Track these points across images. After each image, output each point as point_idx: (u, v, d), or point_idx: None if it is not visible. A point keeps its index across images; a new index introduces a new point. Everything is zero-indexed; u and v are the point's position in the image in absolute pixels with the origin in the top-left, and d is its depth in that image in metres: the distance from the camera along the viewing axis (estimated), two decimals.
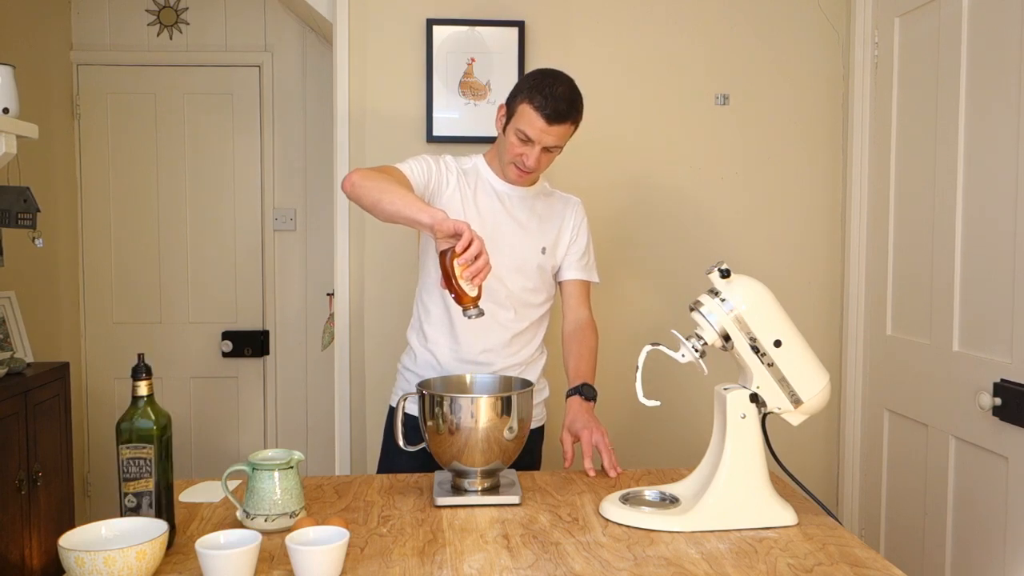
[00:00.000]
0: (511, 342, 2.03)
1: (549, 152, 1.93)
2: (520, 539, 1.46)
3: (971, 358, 2.14)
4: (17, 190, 2.60)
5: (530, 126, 1.86)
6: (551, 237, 2.06)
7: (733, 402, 1.55)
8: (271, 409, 3.75)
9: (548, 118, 1.84)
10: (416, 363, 2.07)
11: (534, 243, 2.03)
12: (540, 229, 2.04)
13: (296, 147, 3.69)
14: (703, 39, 2.78)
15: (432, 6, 2.70)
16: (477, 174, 2.04)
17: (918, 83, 2.41)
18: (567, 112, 1.86)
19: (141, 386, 1.40)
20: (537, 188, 2.08)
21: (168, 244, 3.67)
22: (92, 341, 3.67)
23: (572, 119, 1.89)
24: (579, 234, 2.10)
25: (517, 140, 1.90)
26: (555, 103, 1.84)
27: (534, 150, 1.89)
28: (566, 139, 1.93)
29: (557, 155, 1.96)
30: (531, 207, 2.05)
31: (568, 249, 2.09)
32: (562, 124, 1.87)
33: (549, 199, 2.10)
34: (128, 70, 3.62)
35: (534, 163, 1.90)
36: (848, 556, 1.40)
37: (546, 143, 1.88)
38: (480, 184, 2.02)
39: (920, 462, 2.38)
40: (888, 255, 2.56)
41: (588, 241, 2.12)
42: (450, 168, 2.00)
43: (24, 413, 2.47)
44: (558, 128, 1.87)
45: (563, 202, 2.11)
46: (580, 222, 2.10)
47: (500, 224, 1.99)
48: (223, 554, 1.22)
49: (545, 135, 1.87)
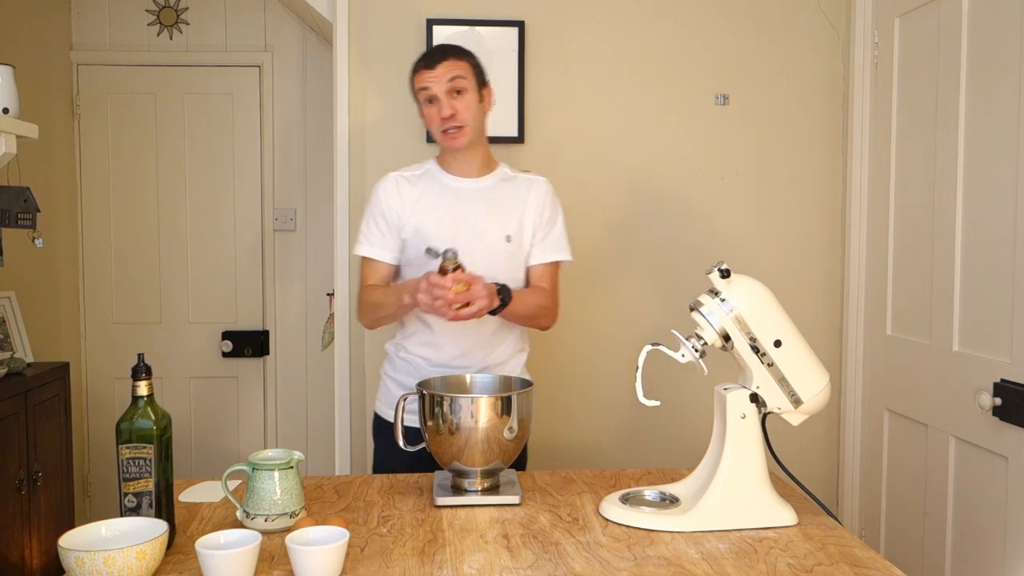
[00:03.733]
0: (489, 341, 2.01)
1: (459, 95, 1.93)
2: (520, 539, 1.46)
3: (971, 358, 2.14)
4: (17, 190, 2.60)
5: (422, 80, 1.93)
6: (515, 223, 2.00)
7: (733, 402, 1.55)
8: (271, 409, 3.75)
9: (427, 65, 1.93)
10: (396, 370, 2.06)
11: (497, 233, 1.98)
12: (502, 217, 2.00)
13: (296, 147, 3.68)
14: (703, 39, 2.78)
15: (432, 6, 2.70)
16: (429, 177, 2.03)
17: (918, 83, 2.41)
18: (440, 53, 1.94)
19: (141, 386, 1.40)
20: (496, 175, 2.05)
21: (168, 244, 3.67)
22: (92, 341, 3.67)
23: (452, 55, 1.94)
24: (543, 214, 2.03)
25: (426, 105, 1.95)
26: (429, 55, 1.96)
27: (441, 101, 1.92)
28: (462, 70, 1.94)
29: (474, 101, 1.95)
30: (490, 196, 2.01)
31: (535, 232, 2.03)
32: (443, 62, 1.92)
33: (511, 183, 2.05)
34: (128, 70, 3.62)
35: (448, 109, 1.91)
36: (848, 556, 1.40)
37: (444, 82, 1.91)
38: (432, 186, 2.01)
39: (920, 462, 2.38)
40: (888, 255, 2.56)
41: (556, 220, 2.06)
42: (388, 197, 2.00)
43: (24, 413, 2.47)
44: (443, 66, 1.92)
45: (526, 184, 2.05)
46: (543, 202, 2.04)
47: (459, 221, 1.97)
48: (223, 554, 1.22)
49: (435, 80, 1.91)
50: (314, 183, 3.68)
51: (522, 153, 2.74)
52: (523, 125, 2.73)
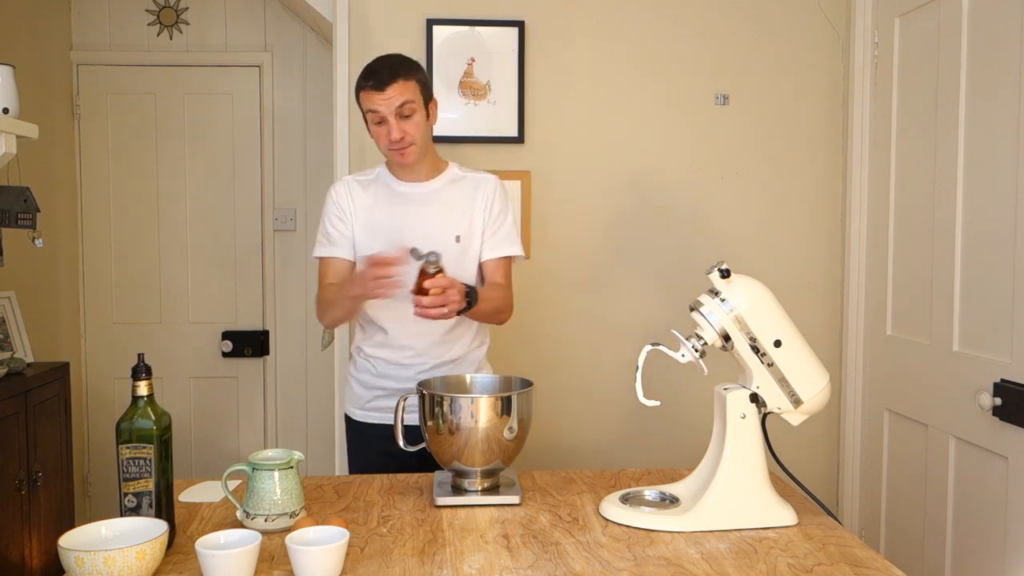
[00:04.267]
0: (443, 339, 2.02)
1: (406, 117, 1.92)
2: (520, 539, 1.46)
3: (971, 358, 2.14)
4: (17, 190, 2.60)
5: (370, 102, 1.91)
6: (464, 223, 2.02)
7: (733, 402, 1.55)
8: (271, 409, 3.75)
9: (375, 87, 1.89)
10: (358, 370, 2.11)
11: (447, 234, 2.00)
12: (451, 218, 2.01)
13: (296, 147, 3.68)
14: (703, 39, 2.78)
15: (432, 6, 2.70)
16: (377, 182, 2.06)
17: (918, 83, 2.41)
18: (391, 73, 1.90)
19: (141, 386, 1.40)
20: (445, 177, 2.06)
21: (168, 244, 3.67)
22: (92, 341, 3.67)
23: (401, 76, 1.90)
24: (492, 211, 2.04)
25: (375, 126, 1.94)
26: (376, 74, 1.90)
27: (390, 123, 1.91)
28: (411, 94, 1.91)
29: (423, 120, 1.95)
30: (438, 198, 2.03)
31: (485, 228, 2.04)
32: (393, 83, 1.89)
33: (459, 184, 2.06)
34: (128, 70, 3.62)
35: (397, 133, 1.91)
36: (848, 556, 1.40)
37: (393, 107, 1.89)
38: (380, 191, 2.04)
39: (920, 462, 2.38)
40: (888, 255, 2.56)
41: (506, 216, 2.06)
42: (340, 198, 2.03)
43: (24, 413, 2.47)
44: (392, 89, 1.89)
45: (474, 183, 2.06)
46: (492, 198, 2.04)
47: (405, 225, 1.99)
48: (223, 554, 1.22)
49: (386, 102, 1.89)
50: (314, 183, 3.68)
51: (522, 153, 2.74)
52: (523, 125, 2.73)
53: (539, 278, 2.74)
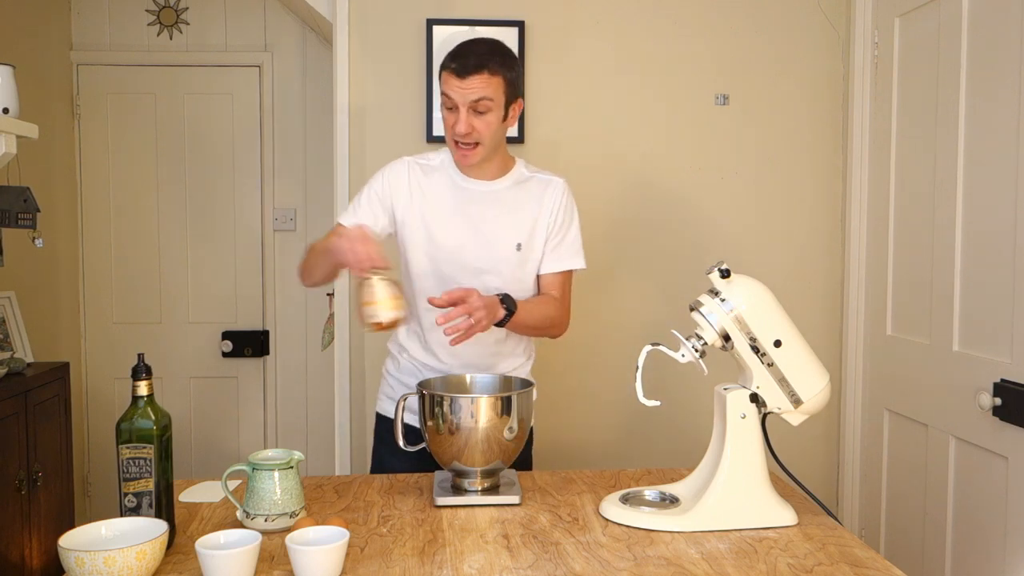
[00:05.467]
0: (493, 351, 1.92)
1: (480, 114, 1.78)
2: (520, 539, 1.46)
3: (971, 358, 2.14)
4: (17, 190, 2.60)
5: (447, 86, 1.78)
6: (527, 229, 1.89)
7: (733, 402, 1.55)
8: (271, 409, 3.75)
9: (458, 72, 1.76)
10: (400, 369, 2.00)
11: (507, 240, 1.88)
12: (514, 223, 1.88)
13: (296, 147, 3.68)
14: (703, 39, 2.78)
15: (432, 6, 2.70)
16: (441, 170, 1.91)
17: (918, 83, 2.41)
18: (477, 63, 1.76)
19: (141, 386, 1.40)
20: (511, 177, 1.91)
21: (168, 244, 3.67)
22: (92, 341, 3.67)
23: (488, 68, 1.76)
24: (557, 219, 1.91)
25: (446, 111, 1.81)
26: (463, 58, 1.77)
27: (460, 114, 1.77)
28: (492, 91, 1.77)
29: (495, 117, 1.79)
30: (502, 200, 1.89)
31: (548, 238, 1.91)
32: (477, 74, 1.75)
33: (525, 185, 1.92)
34: (128, 70, 3.62)
35: (464, 127, 1.77)
36: (848, 556, 1.40)
37: (468, 99, 1.76)
38: (444, 182, 1.90)
39: (920, 462, 2.38)
40: (888, 255, 2.56)
41: (571, 225, 1.94)
42: (394, 179, 1.89)
43: (24, 413, 2.47)
44: (474, 79, 1.75)
45: (542, 186, 1.92)
46: (559, 205, 1.91)
47: (469, 225, 1.87)
48: (223, 554, 1.22)
49: (463, 91, 1.76)
50: (314, 183, 3.68)
51: (522, 153, 2.73)
52: (523, 125, 2.73)
53: None
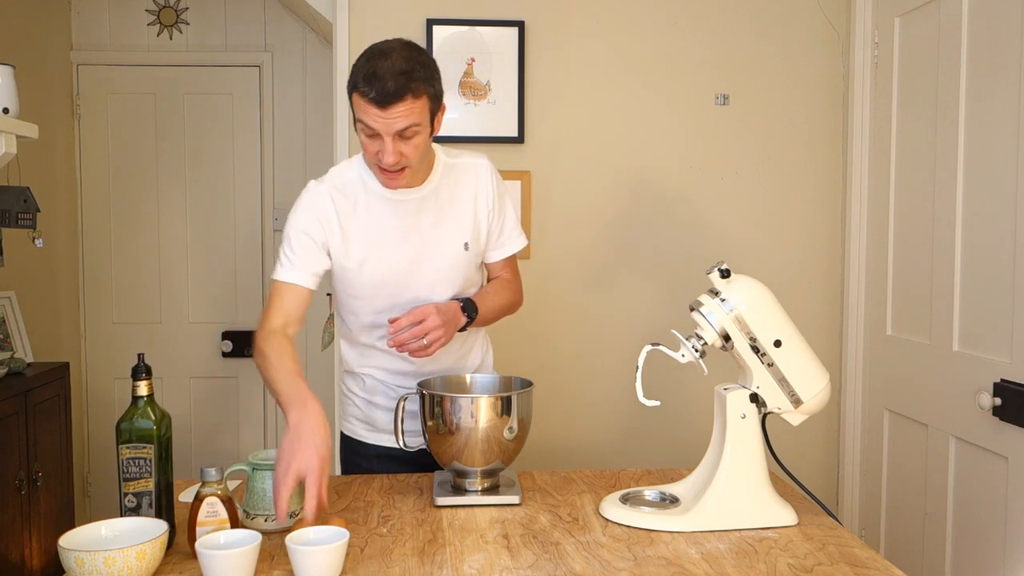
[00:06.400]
0: (458, 358, 1.87)
1: (407, 139, 1.58)
2: (520, 539, 1.45)
3: (971, 358, 2.14)
4: (17, 190, 2.60)
5: (366, 115, 1.56)
6: (468, 224, 1.78)
7: (733, 402, 1.55)
8: (271, 409, 3.75)
9: (377, 102, 1.53)
10: (366, 390, 1.88)
11: (452, 243, 1.77)
12: (456, 222, 1.76)
13: (296, 147, 3.69)
14: (703, 39, 2.78)
15: (432, 6, 2.70)
16: (363, 188, 1.72)
17: (918, 83, 2.41)
18: (398, 89, 1.53)
19: (141, 386, 1.40)
20: (438, 171, 1.75)
21: (168, 244, 3.67)
22: (92, 341, 3.67)
23: (411, 93, 1.54)
24: (494, 203, 1.80)
25: (366, 137, 1.60)
26: (382, 82, 1.52)
27: (385, 143, 1.57)
28: (418, 116, 1.57)
29: (423, 140, 1.61)
30: (436, 201, 1.75)
31: (490, 227, 1.81)
32: (399, 103, 1.53)
33: (452, 175, 1.77)
34: (128, 70, 3.62)
35: (392, 157, 1.58)
36: (848, 556, 1.40)
37: (393, 130, 1.56)
38: (368, 201, 1.72)
39: (920, 462, 2.38)
40: (888, 255, 2.56)
41: (507, 207, 1.84)
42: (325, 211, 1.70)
43: (24, 413, 2.47)
44: (398, 108, 1.54)
45: (470, 173, 1.79)
46: (491, 187, 1.80)
47: (411, 240, 1.74)
48: (223, 554, 1.22)
49: (386, 121, 1.55)
50: None
51: (522, 153, 2.74)
52: (523, 125, 2.73)
53: (539, 278, 2.74)
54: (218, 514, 1.36)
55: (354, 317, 1.82)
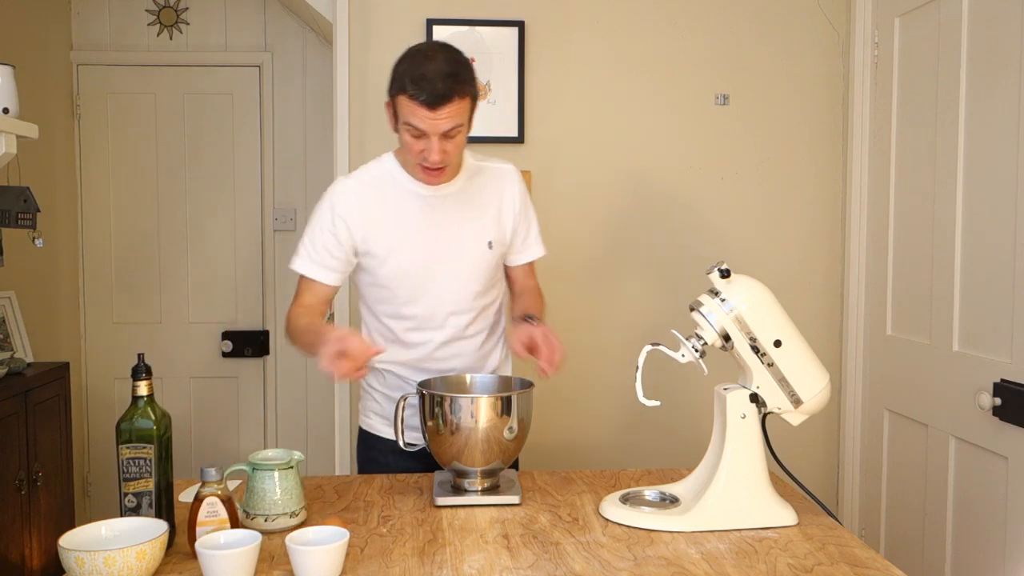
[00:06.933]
0: (478, 358, 1.91)
1: (451, 138, 1.67)
2: (520, 539, 1.46)
3: (971, 358, 2.14)
4: (17, 190, 2.60)
5: (415, 117, 1.63)
6: (493, 225, 1.85)
7: (733, 402, 1.55)
8: (271, 409, 3.75)
9: (428, 104, 1.61)
10: (387, 384, 1.91)
11: (479, 241, 1.83)
12: (481, 221, 1.83)
13: (296, 147, 3.69)
14: (703, 39, 2.78)
15: (432, 6, 2.70)
16: (388, 181, 1.81)
17: (918, 83, 2.41)
18: (447, 91, 1.61)
19: (141, 386, 1.40)
20: (465, 172, 1.83)
21: (168, 244, 3.67)
22: (92, 341, 3.67)
23: (458, 94, 1.63)
24: (521, 212, 1.89)
25: (411, 137, 1.68)
26: (431, 85, 1.60)
27: (431, 143, 1.66)
28: (462, 116, 1.67)
29: (463, 138, 1.72)
30: (463, 199, 1.82)
31: (515, 231, 1.89)
32: (448, 104, 1.62)
33: (480, 178, 1.85)
34: (128, 70, 3.62)
35: (438, 156, 1.67)
36: (848, 556, 1.40)
37: (440, 130, 1.64)
38: (396, 194, 1.80)
39: (920, 462, 2.38)
40: (888, 255, 2.56)
41: (531, 214, 1.92)
42: (348, 206, 1.79)
43: (24, 413, 2.47)
44: (446, 109, 1.62)
45: (497, 177, 1.87)
46: (518, 193, 1.88)
47: (436, 234, 1.80)
48: (223, 554, 1.22)
49: (435, 122, 1.63)
50: (314, 183, 3.68)
51: (522, 153, 2.74)
52: (523, 125, 2.73)
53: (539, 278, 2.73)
54: (218, 514, 1.36)
55: (379, 306, 1.87)
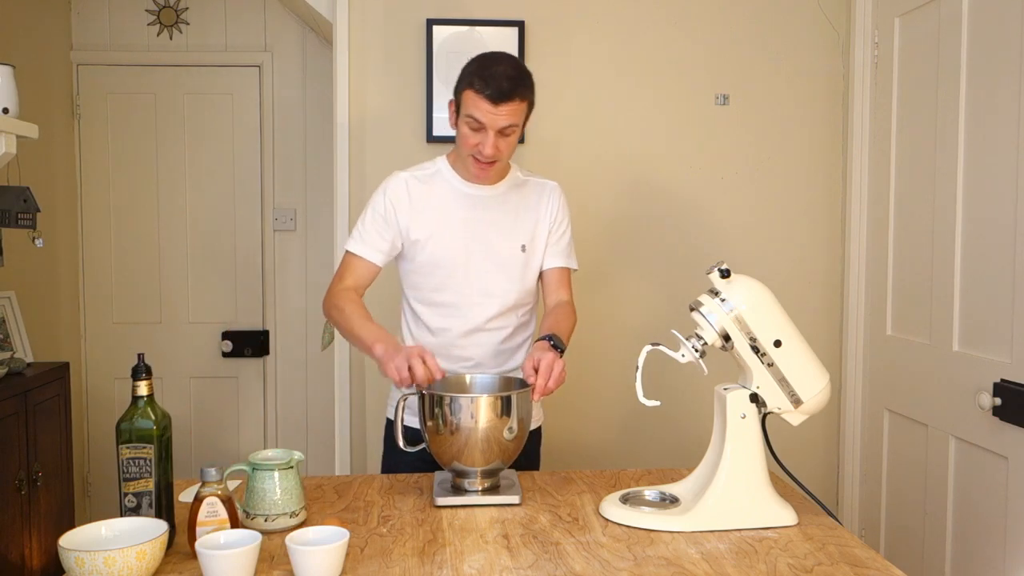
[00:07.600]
0: (497, 353, 1.97)
1: (505, 136, 1.83)
2: (520, 539, 1.46)
3: (971, 358, 2.14)
4: (17, 190, 2.60)
5: (477, 110, 1.79)
6: (528, 231, 1.97)
7: (733, 402, 1.55)
8: (271, 409, 3.75)
9: (492, 98, 1.78)
10: None
11: (512, 242, 1.95)
12: (516, 226, 1.96)
13: (296, 147, 3.68)
14: (703, 39, 2.78)
15: (432, 6, 2.70)
16: (439, 178, 1.96)
17: (918, 83, 2.41)
18: (511, 90, 1.78)
19: (141, 386, 1.40)
20: (509, 180, 1.99)
21: (168, 244, 3.67)
22: (92, 341, 3.67)
23: (519, 95, 1.80)
24: (557, 221, 2.01)
25: (469, 130, 1.83)
26: (497, 82, 1.78)
27: (488, 136, 1.81)
28: (519, 118, 1.84)
29: (515, 139, 1.87)
30: (504, 204, 1.96)
31: (548, 239, 2.00)
32: (509, 102, 1.79)
33: (523, 189, 2.00)
34: (128, 70, 3.62)
35: (491, 150, 1.81)
36: (848, 556, 1.40)
37: (498, 125, 1.80)
38: (443, 189, 1.95)
39: (920, 462, 2.38)
40: (888, 255, 2.56)
41: (568, 227, 2.04)
42: (394, 196, 1.93)
43: (24, 413, 2.47)
44: (507, 107, 1.79)
45: (538, 190, 2.01)
46: (557, 208, 2.01)
47: (473, 230, 1.93)
48: (223, 554, 1.22)
49: (495, 117, 1.79)
50: (314, 183, 3.68)
51: (522, 153, 2.73)
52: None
53: None
54: (218, 514, 1.36)
55: (413, 292, 1.99)
